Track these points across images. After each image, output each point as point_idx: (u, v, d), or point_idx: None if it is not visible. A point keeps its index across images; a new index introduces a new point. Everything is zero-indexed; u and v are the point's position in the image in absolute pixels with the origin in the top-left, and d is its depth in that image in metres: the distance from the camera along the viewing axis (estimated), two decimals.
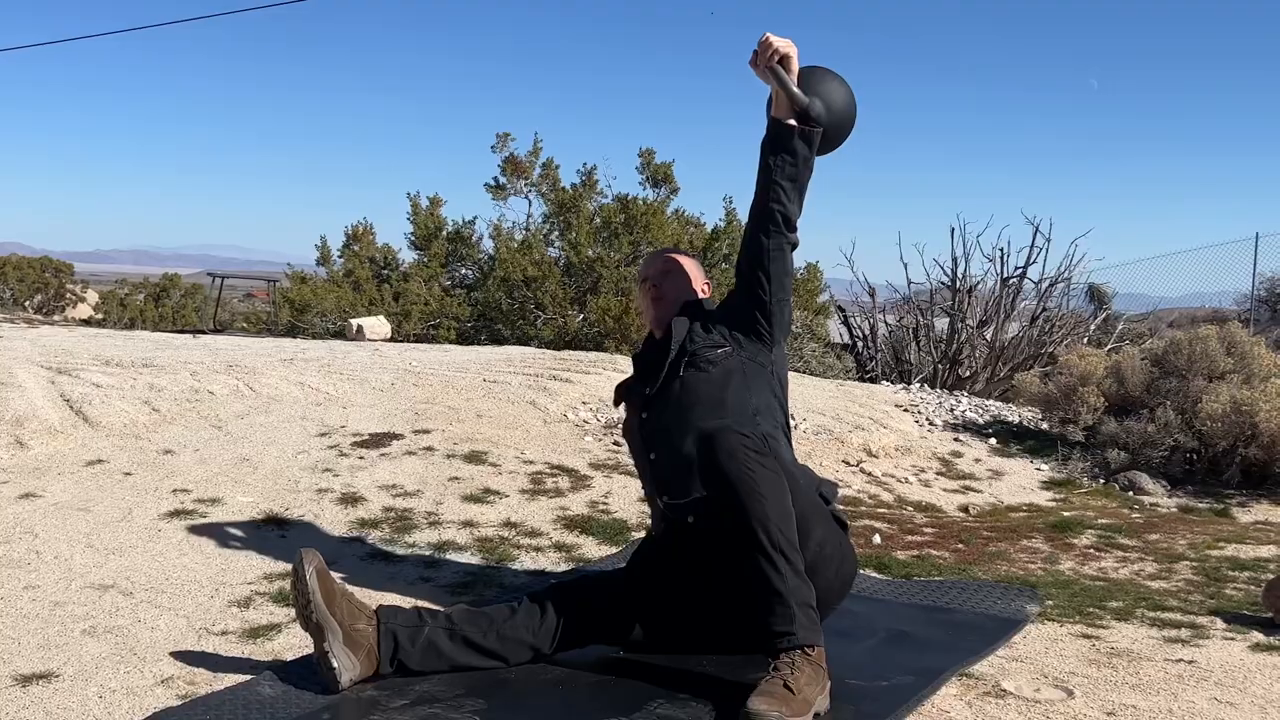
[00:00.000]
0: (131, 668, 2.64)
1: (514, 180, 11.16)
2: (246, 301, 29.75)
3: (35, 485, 4.00)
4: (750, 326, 2.88)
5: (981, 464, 5.94)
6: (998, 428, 6.72)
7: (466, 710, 2.40)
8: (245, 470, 4.28)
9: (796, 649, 2.41)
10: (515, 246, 10.60)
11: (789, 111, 2.83)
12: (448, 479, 4.32)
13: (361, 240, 12.31)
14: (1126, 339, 10.89)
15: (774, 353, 2.92)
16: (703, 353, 2.84)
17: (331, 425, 4.88)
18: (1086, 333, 10.51)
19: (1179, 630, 3.24)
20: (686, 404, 2.81)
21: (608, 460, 4.78)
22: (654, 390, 2.88)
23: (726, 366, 2.83)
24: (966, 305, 9.98)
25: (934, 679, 2.65)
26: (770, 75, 2.81)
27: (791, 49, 2.81)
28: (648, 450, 2.89)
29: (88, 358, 6.03)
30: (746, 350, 2.87)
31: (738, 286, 2.94)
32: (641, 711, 2.40)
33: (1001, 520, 4.88)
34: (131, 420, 4.76)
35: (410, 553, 3.63)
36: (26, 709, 2.40)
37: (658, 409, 2.87)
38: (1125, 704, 2.59)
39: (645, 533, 3.36)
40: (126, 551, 3.48)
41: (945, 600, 3.38)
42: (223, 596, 3.16)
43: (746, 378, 2.83)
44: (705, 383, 2.81)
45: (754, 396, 2.82)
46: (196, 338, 8.32)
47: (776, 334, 2.90)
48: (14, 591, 3.13)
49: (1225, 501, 5.58)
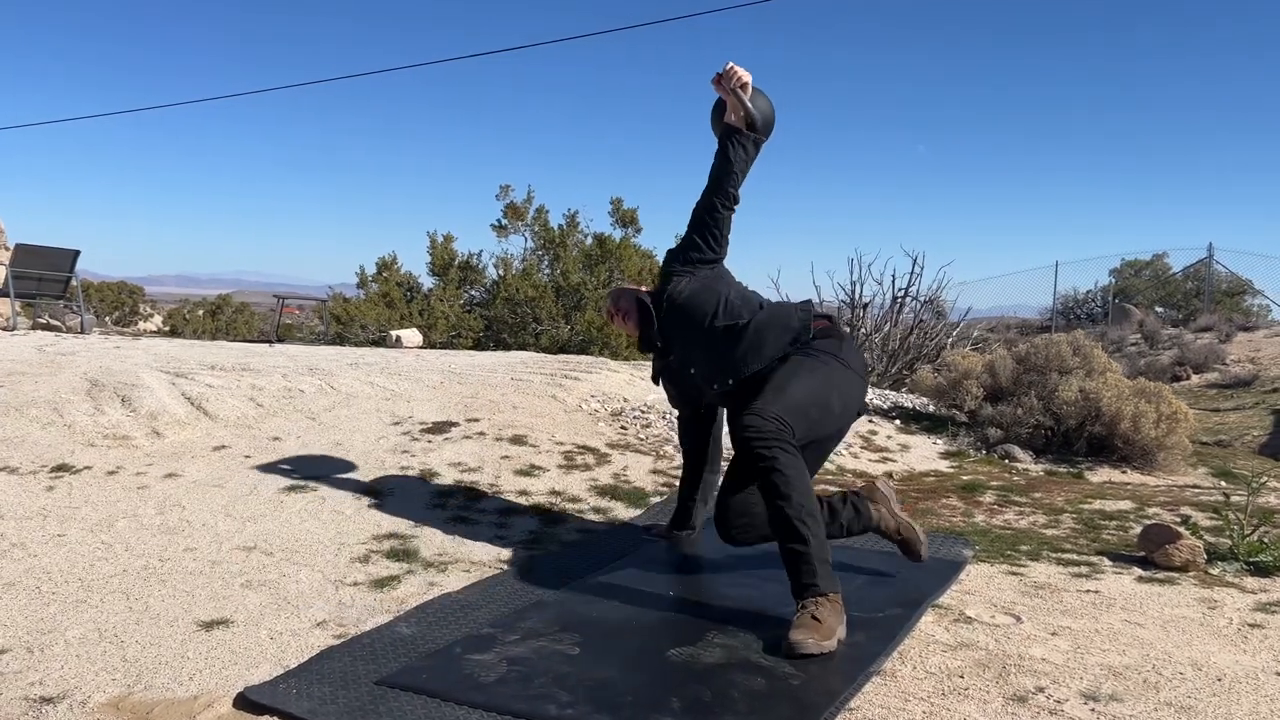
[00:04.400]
0: (289, 614, 2.58)
1: (513, 222, 11.09)
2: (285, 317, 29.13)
3: (175, 467, 3.89)
4: (701, 261, 3.02)
5: (892, 440, 5.98)
6: (899, 412, 6.77)
7: (567, 642, 2.37)
8: (340, 452, 4.19)
9: (820, 595, 2.42)
10: (517, 273, 10.53)
11: (742, 121, 3.00)
12: (500, 457, 4.26)
13: (390, 268, 12.13)
14: (980, 343, 11.06)
15: (717, 268, 3.06)
16: (674, 293, 3.00)
17: (401, 416, 4.79)
18: (950, 338, 10.63)
19: (1079, 568, 3.29)
20: (684, 324, 2.98)
21: (620, 441, 4.74)
22: (661, 340, 3.06)
23: (692, 288, 2.98)
24: (862, 317, 10.06)
25: (915, 609, 2.67)
26: (733, 95, 2.98)
27: (748, 76, 2.99)
28: (686, 369, 3.04)
29: (195, 364, 5.86)
30: (700, 273, 3.01)
31: (690, 240, 3.05)
32: (703, 640, 2.39)
33: (919, 484, 4.92)
34: (242, 414, 4.64)
35: (483, 516, 3.57)
36: (215, 650, 2.33)
37: (673, 344, 3.06)
38: (1062, 625, 2.63)
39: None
40: (259, 519, 3.39)
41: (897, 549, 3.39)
42: (345, 554, 3.10)
43: (709, 283, 2.99)
44: (685, 305, 2.97)
45: (722, 289, 2.97)
46: (272, 346, 8.13)
47: (720, 255, 3.06)
48: (177, 554, 3.03)
49: (1078, 466, 5.68)
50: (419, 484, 3.87)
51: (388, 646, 2.33)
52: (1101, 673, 2.27)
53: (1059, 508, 4.32)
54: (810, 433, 2.71)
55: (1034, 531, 3.88)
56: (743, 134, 2.98)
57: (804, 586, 2.44)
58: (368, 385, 5.33)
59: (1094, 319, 19.38)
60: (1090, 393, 5.81)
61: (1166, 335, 15.55)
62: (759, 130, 3.02)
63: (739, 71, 2.95)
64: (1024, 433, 6.02)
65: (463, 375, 5.82)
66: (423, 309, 10.79)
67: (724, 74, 2.95)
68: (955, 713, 2.04)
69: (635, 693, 2.08)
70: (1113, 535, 3.81)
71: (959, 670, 2.27)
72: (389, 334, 9.37)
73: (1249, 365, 12.17)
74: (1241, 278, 20.26)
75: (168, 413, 4.51)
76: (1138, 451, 5.65)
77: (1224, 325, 15.39)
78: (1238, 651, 2.45)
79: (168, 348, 7.22)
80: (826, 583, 2.44)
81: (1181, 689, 2.18)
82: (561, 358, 7.55)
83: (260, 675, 2.19)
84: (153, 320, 24.34)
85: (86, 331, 9.80)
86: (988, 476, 5.17)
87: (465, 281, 11.52)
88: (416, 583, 2.87)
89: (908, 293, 9.78)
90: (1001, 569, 3.25)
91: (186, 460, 3.98)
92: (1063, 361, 6.32)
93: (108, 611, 2.54)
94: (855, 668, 2.23)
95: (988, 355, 6.80)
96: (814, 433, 2.74)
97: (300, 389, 5.14)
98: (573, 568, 2.99)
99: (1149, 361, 13.18)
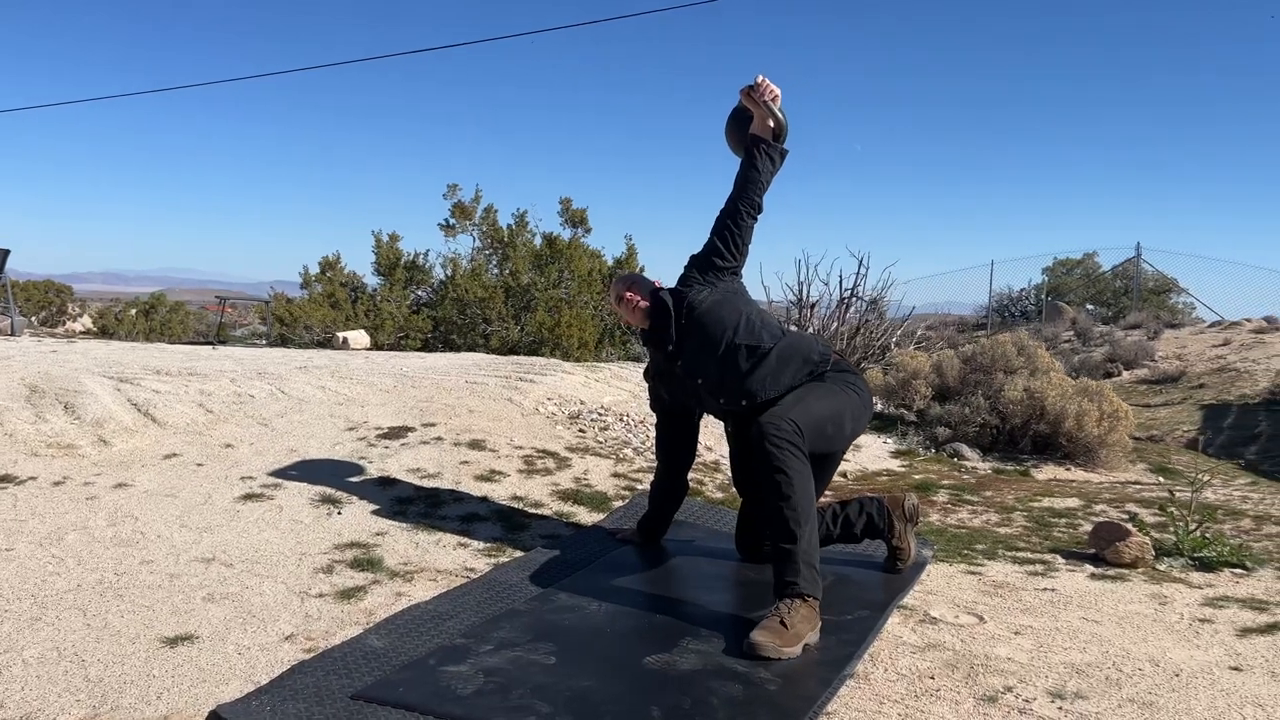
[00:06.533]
0: (256, 628, 2.53)
1: (461, 221, 10.97)
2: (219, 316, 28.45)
3: (125, 476, 3.78)
4: (723, 270, 3.04)
5: None
6: None
7: (542, 651, 2.37)
8: (295, 459, 4.11)
9: (798, 596, 2.45)
10: (465, 274, 10.42)
11: (768, 132, 3.06)
12: (459, 462, 4.22)
13: (334, 268, 11.92)
14: (923, 342, 11.26)
15: (737, 280, 3.10)
16: (694, 300, 2.99)
17: (356, 421, 4.72)
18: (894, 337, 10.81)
19: (1035, 566, 3.38)
20: (702, 336, 2.96)
21: (579, 445, 4.73)
22: (674, 344, 3.01)
23: (714, 299, 2.98)
24: (810, 317, 10.18)
25: (883, 611, 2.71)
26: (764, 106, 3.04)
27: (779, 90, 3.05)
28: (694, 378, 3.01)
29: (138, 368, 5.69)
30: (721, 285, 3.03)
31: (713, 245, 3.06)
32: (678, 647, 2.40)
33: (873, 483, 5.00)
34: (192, 420, 4.52)
35: (446, 524, 3.54)
36: (181, 667, 2.27)
37: (685, 351, 3.00)
38: (1024, 625, 2.69)
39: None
40: (216, 530, 3.31)
41: (862, 550, 3.44)
42: (308, 565, 3.04)
43: (730, 299, 3.00)
44: (705, 316, 2.96)
45: (744, 308, 3.00)
46: (215, 349, 7.94)
47: (740, 264, 3.09)
48: (133, 567, 2.95)
49: (1024, 464, 5.82)
50: (378, 491, 3.81)
51: (360, 660, 2.30)
52: (1065, 671, 2.33)
53: (1010, 506, 4.43)
54: (820, 447, 2.77)
55: (988, 530, 3.97)
56: (771, 145, 3.05)
57: (784, 584, 2.48)
58: (319, 390, 5.24)
59: (1028, 316, 19.82)
60: (1035, 392, 5.96)
61: (1098, 332, 15.98)
62: (783, 142, 3.10)
63: (771, 85, 3.04)
64: (971, 431, 6.15)
65: (416, 378, 5.75)
66: (369, 310, 10.63)
67: (756, 86, 3.03)
68: (930, 714, 2.08)
69: (615, 702, 2.09)
70: (1063, 533, 3.92)
71: (929, 671, 2.32)
72: (335, 335, 9.22)
73: (1176, 361, 12.56)
74: (1167, 276, 20.93)
75: (114, 420, 4.39)
76: (1081, 449, 5.81)
77: (1152, 323, 15.85)
78: (1191, 647, 2.54)
79: (107, 351, 7.01)
80: (807, 585, 2.47)
81: (1142, 685, 2.25)
82: (514, 359, 7.51)
83: (231, 692, 2.14)
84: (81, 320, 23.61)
85: (17, 334, 9.47)
86: (939, 475, 5.27)
87: (412, 282, 11.38)
88: (383, 593, 2.83)
89: (854, 293, 9.92)
90: (960, 568, 3.31)
91: (136, 469, 3.88)
92: (1008, 361, 6.48)
93: (65, 629, 2.46)
94: (829, 671, 2.26)
95: (935, 355, 6.92)
96: (822, 448, 2.81)
97: (250, 394, 5.03)
98: (542, 575, 2.98)
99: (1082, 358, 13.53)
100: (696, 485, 4.26)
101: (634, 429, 5.16)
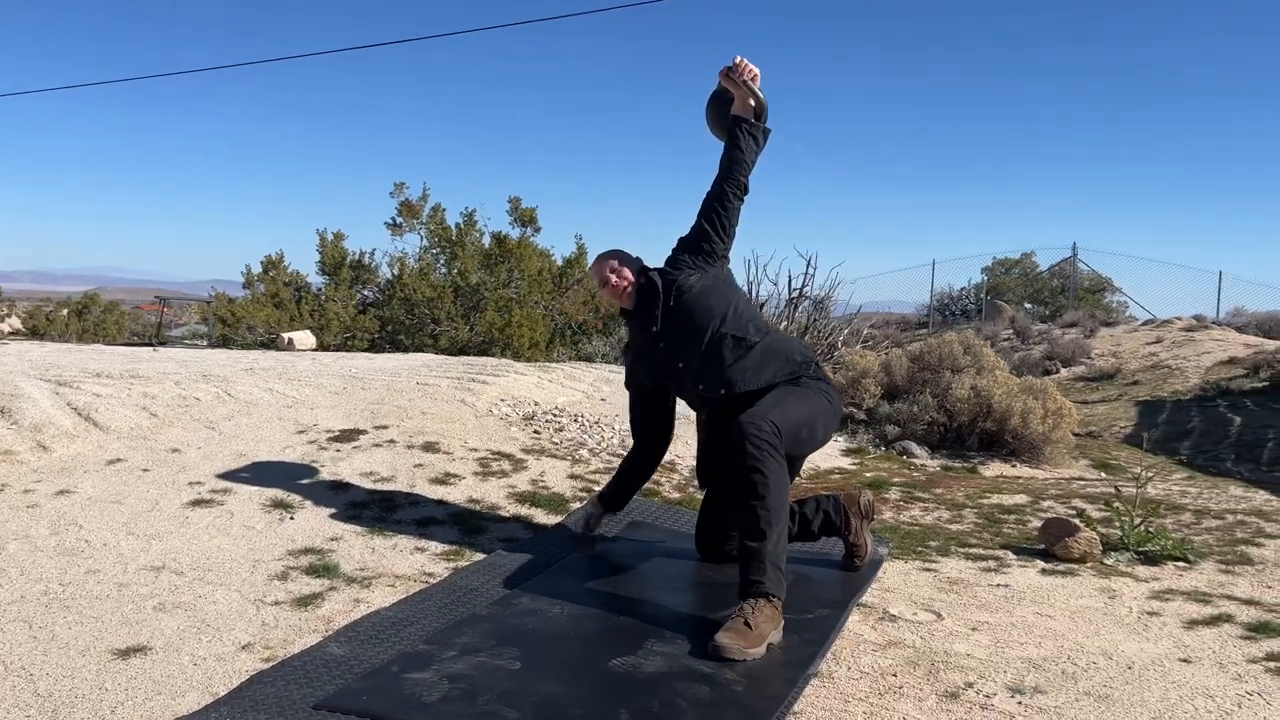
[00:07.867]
0: (211, 637, 2.47)
1: (408, 220, 10.84)
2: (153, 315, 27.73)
3: (66, 483, 3.66)
4: (712, 254, 3.04)
5: None
6: None
7: (506, 656, 2.35)
8: (244, 464, 4.02)
9: (762, 596, 2.46)
10: (413, 273, 10.30)
11: (750, 112, 3.06)
12: (413, 466, 4.17)
13: (277, 267, 11.70)
14: (869, 341, 11.42)
15: (725, 266, 3.10)
16: (683, 284, 2.98)
17: (306, 424, 4.64)
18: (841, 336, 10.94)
19: (987, 562, 3.44)
20: (688, 321, 2.95)
21: (534, 446, 4.71)
22: (658, 325, 2.99)
23: (703, 285, 2.98)
24: None
25: (843, 610, 2.74)
26: (744, 87, 3.04)
27: (758, 70, 3.06)
28: (675, 361, 2.99)
29: (76, 370, 5.53)
30: (710, 270, 3.03)
31: (702, 228, 3.06)
32: (643, 649, 2.40)
33: (826, 481, 5.05)
34: (135, 424, 4.40)
35: (401, 528, 3.49)
36: (135, 679, 2.21)
37: (669, 334, 2.99)
38: (980, 620, 2.74)
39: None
40: (164, 537, 3.23)
41: (819, 549, 3.46)
42: (262, 572, 2.98)
43: (719, 286, 3.01)
44: (694, 301, 2.96)
45: (733, 296, 3.01)
46: (155, 350, 7.74)
47: (728, 248, 3.09)
48: (79, 576, 2.86)
49: (971, 461, 5.93)
50: (331, 495, 3.75)
51: (321, 668, 2.26)
52: (1023, 666, 2.38)
53: (960, 503, 4.50)
54: (793, 450, 2.78)
55: (940, 527, 4.04)
56: (754, 125, 3.05)
57: (750, 584, 2.49)
58: (267, 392, 5.14)
59: (968, 315, 20.21)
60: (981, 390, 6.07)
61: (1036, 331, 16.36)
62: (765, 121, 3.10)
63: (749, 65, 3.03)
64: (920, 429, 6.25)
65: (365, 380, 5.67)
66: (314, 310, 10.45)
67: (734, 67, 3.03)
68: (894, 712, 2.10)
69: (582, 705, 2.08)
70: (1013, 529, 4.00)
71: (891, 669, 2.35)
72: (280, 336, 9.05)
73: (1112, 359, 12.92)
74: (1102, 276, 21.51)
75: (53, 424, 4.25)
76: (1026, 446, 5.94)
77: (1088, 321, 16.28)
78: (1141, 640, 2.61)
79: (42, 353, 6.80)
80: (772, 585, 2.48)
81: (1097, 678, 2.31)
82: (465, 360, 7.44)
83: (188, 705, 2.09)
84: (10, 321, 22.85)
85: None
86: (889, 473, 5.35)
87: (358, 281, 11.22)
88: (341, 600, 2.79)
89: (802, 293, 10.02)
90: (915, 565, 3.36)
91: (79, 475, 3.76)
92: (955, 360, 6.59)
93: (10, 642, 2.38)
94: (794, 671, 2.28)
95: (884, 354, 7.02)
96: (794, 451, 2.83)
97: (196, 397, 4.92)
98: (503, 579, 2.95)
99: (1022, 356, 13.85)
100: (653, 486, 4.26)
101: (589, 430, 5.14)
